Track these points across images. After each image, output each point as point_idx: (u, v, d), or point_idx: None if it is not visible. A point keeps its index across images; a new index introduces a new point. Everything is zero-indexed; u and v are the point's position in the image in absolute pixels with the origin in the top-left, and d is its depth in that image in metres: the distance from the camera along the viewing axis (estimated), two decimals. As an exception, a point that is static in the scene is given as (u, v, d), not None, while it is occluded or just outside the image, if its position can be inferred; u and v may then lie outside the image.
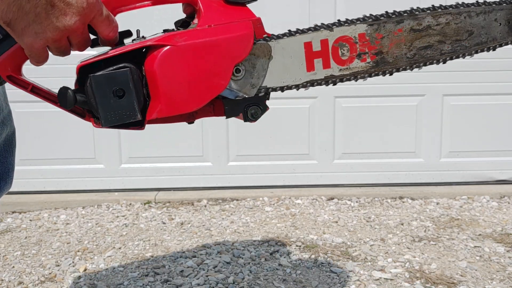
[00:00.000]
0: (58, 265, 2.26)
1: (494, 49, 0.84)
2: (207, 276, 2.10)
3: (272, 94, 0.83)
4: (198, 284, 2.04)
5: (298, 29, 0.80)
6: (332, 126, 3.14)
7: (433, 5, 0.81)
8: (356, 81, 0.82)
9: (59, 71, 2.31)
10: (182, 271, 2.15)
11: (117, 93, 0.74)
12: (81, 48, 0.76)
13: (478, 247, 2.36)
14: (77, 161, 3.15)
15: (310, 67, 0.80)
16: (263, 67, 0.79)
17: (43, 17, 0.68)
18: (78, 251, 2.39)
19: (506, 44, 0.84)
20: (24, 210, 2.95)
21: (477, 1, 0.81)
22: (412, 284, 2.02)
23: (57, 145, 3.11)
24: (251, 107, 0.81)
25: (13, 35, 0.70)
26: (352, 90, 3.08)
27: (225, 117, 0.81)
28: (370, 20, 0.79)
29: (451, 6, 0.81)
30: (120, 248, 2.42)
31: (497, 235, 2.50)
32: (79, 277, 2.14)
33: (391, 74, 0.82)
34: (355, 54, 0.80)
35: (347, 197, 3.03)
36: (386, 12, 0.79)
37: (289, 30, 0.80)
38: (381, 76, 0.82)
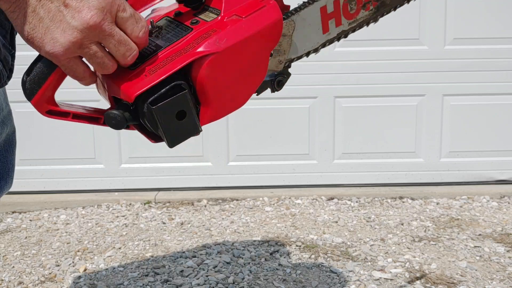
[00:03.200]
0: (58, 265, 2.26)
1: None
2: (207, 276, 2.10)
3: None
4: (198, 284, 2.04)
5: None
6: (332, 126, 3.14)
7: None
8: (359, 29, 0.88)
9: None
10: (182, 271, 2.15)
11: (179, 115, 0.71)
12: (126, 59, 0.67)
13: (478, 247, 2.36)
14: (77, 161, 3.15)
15: (325, 29, 0.84)
16: (288, 43, 0.81)
17: (58, 20, 0.61)
18: (78, 251, 2.39)
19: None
20: (24, 210, 2.95)
21: None
22: (412, 284, 2.02)
23: (57, 145, 3.11)
24: (277, 79, 0.82)
25: (36, 49, 0.64)
26: (352, 90, 3.08)
27: (256, 94, 0.81)
28: None
29: None
30: (120, 248, 2.42)
31: (497, 235, 2.50)
32: (79, 277, 2.14)
33: (388, 13, 0.90)
34: (360, 6, 0.86)
35: (347, 197, 3.03)
36: None
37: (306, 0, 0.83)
38: (379, 21, 0.90)
